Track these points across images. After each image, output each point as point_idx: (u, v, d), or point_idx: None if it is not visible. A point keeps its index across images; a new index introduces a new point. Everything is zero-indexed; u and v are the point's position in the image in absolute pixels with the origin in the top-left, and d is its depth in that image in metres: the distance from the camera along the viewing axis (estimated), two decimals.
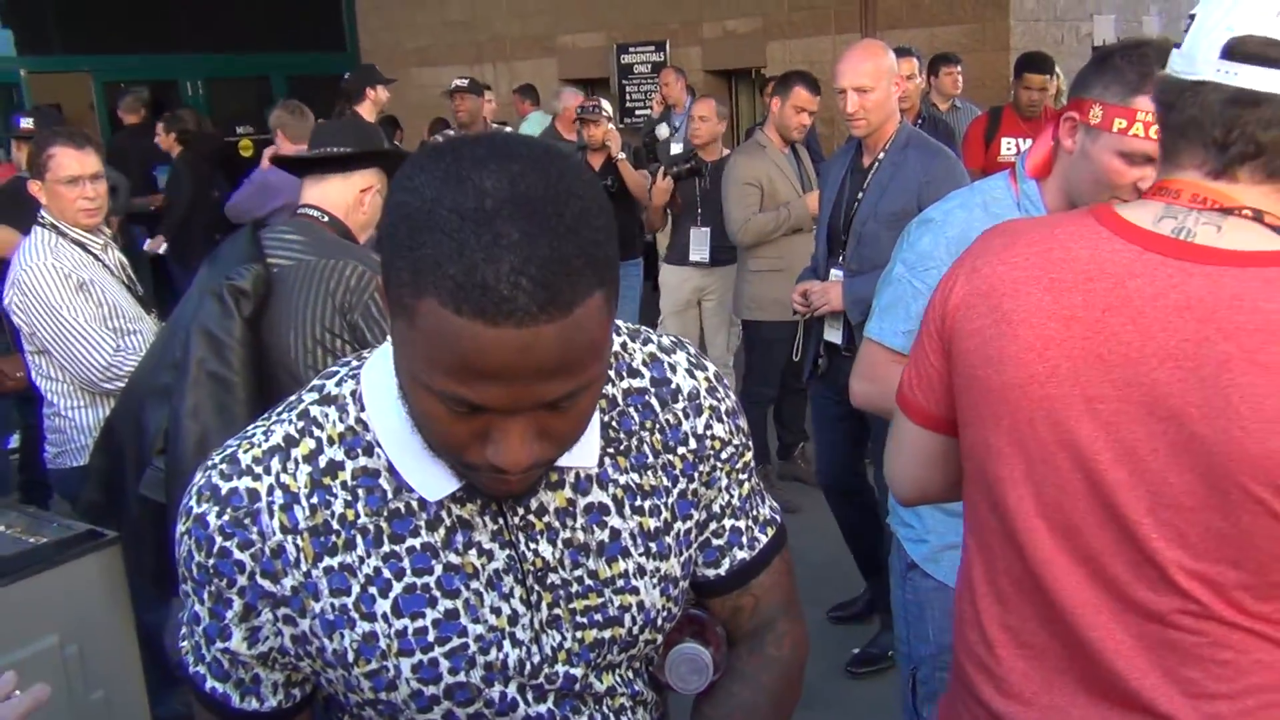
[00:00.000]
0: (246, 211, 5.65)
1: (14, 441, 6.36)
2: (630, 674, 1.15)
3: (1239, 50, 1.13)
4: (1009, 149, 5.59)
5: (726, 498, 1.17)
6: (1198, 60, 1.16)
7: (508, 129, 7.24)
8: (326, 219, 2.48)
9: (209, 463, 1.03)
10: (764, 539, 1.22)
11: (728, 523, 1.19)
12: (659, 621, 1.12)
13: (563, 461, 1.00)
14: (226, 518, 0.99)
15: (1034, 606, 1.28)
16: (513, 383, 0.82)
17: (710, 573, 1.20)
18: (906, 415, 1.43)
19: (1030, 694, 1.30)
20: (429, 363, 0.84)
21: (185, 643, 1.07)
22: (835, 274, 3.49)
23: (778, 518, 1.25)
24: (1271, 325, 1.08)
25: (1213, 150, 1.16)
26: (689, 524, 1.14)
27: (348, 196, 2.51)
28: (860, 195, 3.40)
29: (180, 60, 11.19)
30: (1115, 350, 1.15)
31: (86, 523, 2.57)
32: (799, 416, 5.29)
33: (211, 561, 1.00)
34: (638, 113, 10.21)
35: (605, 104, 6.06)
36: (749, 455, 1.19)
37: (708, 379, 1.14)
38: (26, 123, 5.89)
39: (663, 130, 5.67)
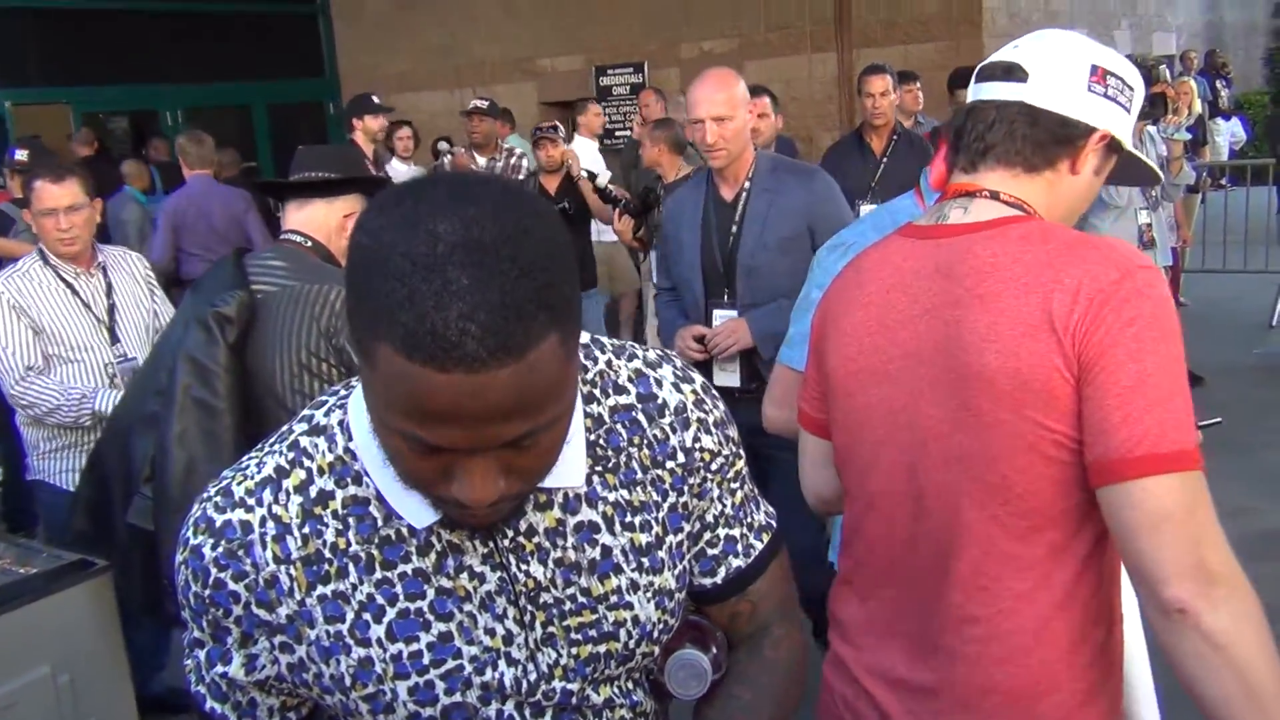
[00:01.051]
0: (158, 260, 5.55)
1: None
2: (629, 685, 1.16)
3: (980, 73, 1.47)
4: None
5: (719, 507, 1.18)
6: (970, 91, 1.49)
7: (519, 151, 7.17)
8: (310, 244, 2.50)
9: (204, 495, 1.05)
10: (759, 545, 1.22)
11: (722, 532, 1.19)
12: (655, 634, 1.12)
13: (550, 483, 1.02)
14: (221, 550, 1.02)
15: (871, 560, 1.49)
16: (468, 425, 0.84)
17: (707, 581, 1.20)
18: (801, 425, 1.65)
19: (858, 638, 1.52)
20: (387, 404, 0.86)
21: (188, 662, 1.09)
22: (722, 314, 3.29)
23: (773, 523, 1.25)
24: (984, 266, 1.35)
25: (964, 153, 1.46)
26: (680, 536, 1.14)
27: (330, 221, 2.52)
28: (734, 229, 3.25)
29: (160, 90, 11.20)
30: (896, 318, 1.42)
31: (76, 552, 2.57)
32: None
33: (208, 592, 1.02)
34: (617, 134, 10.26)
35: (559, 125, 6.10)
36: (740, 464, 1.19)
37: (694, 391, 1.14)
38: (21, 154, 6.03)
39: (602, 179, 5.74)
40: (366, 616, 1.03)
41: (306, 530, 1.03)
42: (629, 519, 1.10)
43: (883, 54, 8.30)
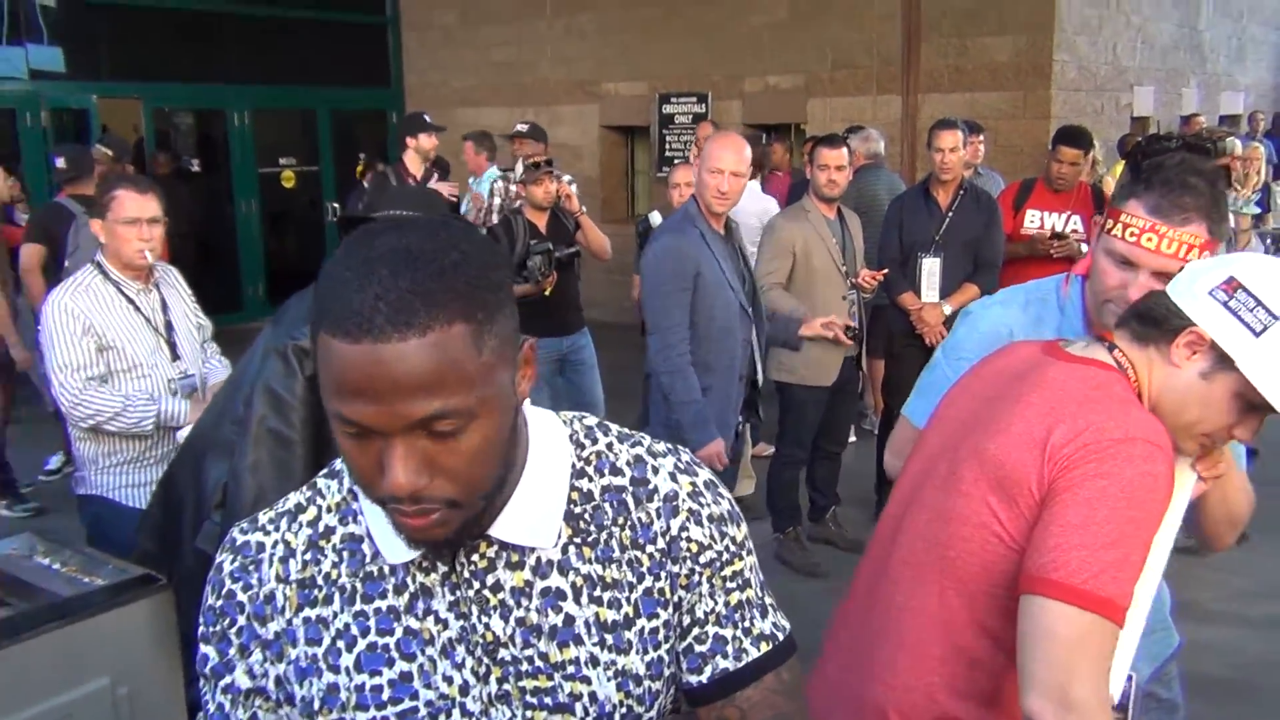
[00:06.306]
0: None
1: (54, 462, 6.47)
2: None
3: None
4: (1032, 221, 5.52)
5: (710, 604, 1.17)
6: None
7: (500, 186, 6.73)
8: None
9: (239, 524, 1.17)
10: (754, 652, 1.19)
11: (711, 629, 1.18)
12: (616, 717, 1.13)
13: (522, 541, 1.10)
14: (236, 564, 1.14)
15: (864, 560, 1.85)
16: (379, 399, 0.93)
17: (693, 679, 1.19)
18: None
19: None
20: (325, 389, 0.96)
21: (203, 684, 1.17)
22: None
23: (780, 635, 1.22)
24: (1044, 384, 1.56)
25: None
26: (656, 623, 1.14)
27: None
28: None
29: (228, 90, 11.37)
30: (976, 388, 1.71)
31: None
32: (832, 480, 5.30)
33: (219, 603, 1.14)
34: (676, 161, 10.28)
35: (554, 160, 5.47)
36: (741, 564, 1.18)
37: (693, 484, 1.16)
38: (61, 163, 6.16)
39: (655, 217, 5.48)
40: (340, 644, 1.11)
41: (308, 557, 1.13)
42: (598, 593, 1.13)
43: (948, 100, 8.28)
